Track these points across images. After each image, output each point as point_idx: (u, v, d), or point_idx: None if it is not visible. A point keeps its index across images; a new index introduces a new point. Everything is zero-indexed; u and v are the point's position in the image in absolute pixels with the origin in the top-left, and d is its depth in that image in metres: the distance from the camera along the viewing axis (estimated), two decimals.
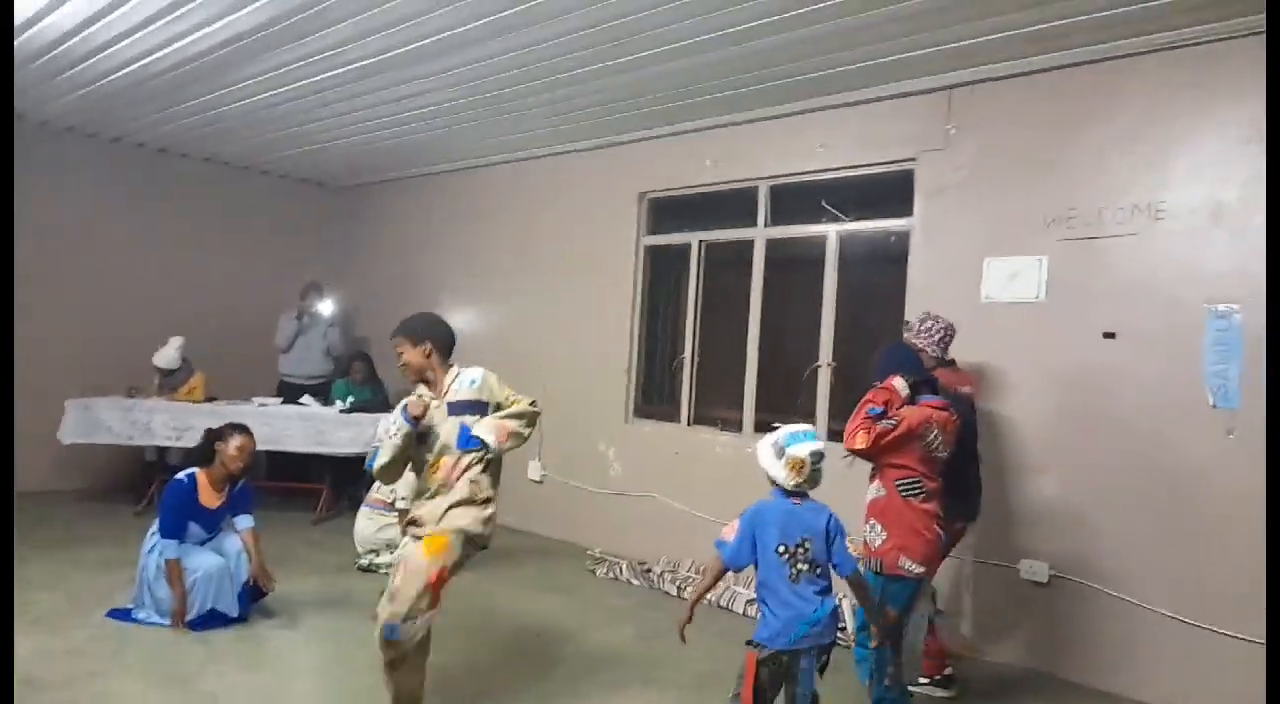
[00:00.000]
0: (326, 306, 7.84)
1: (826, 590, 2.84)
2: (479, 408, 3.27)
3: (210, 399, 7.02)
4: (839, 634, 2.91)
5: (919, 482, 3.33)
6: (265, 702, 3.56)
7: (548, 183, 7.06)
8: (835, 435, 4.71)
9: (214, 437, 4.51)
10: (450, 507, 3.18)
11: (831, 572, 2.87)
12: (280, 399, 7.29)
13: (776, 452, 2.87)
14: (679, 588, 5.39)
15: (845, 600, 4.04)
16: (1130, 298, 4.21)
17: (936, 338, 4.01)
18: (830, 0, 3.89)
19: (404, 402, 3.26)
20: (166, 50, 5.15)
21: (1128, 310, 4.21)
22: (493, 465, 3.27)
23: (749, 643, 2.83)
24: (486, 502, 3.23)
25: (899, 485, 3.33)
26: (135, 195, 7.77)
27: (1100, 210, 4.31)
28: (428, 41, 4.68)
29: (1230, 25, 3.89)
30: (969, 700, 3.90)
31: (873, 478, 3.45)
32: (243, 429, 4.56)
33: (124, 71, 5.61)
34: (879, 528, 3.34)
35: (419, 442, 3.25)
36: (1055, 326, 4.43)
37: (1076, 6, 3.82)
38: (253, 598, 4.49)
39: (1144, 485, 4.13)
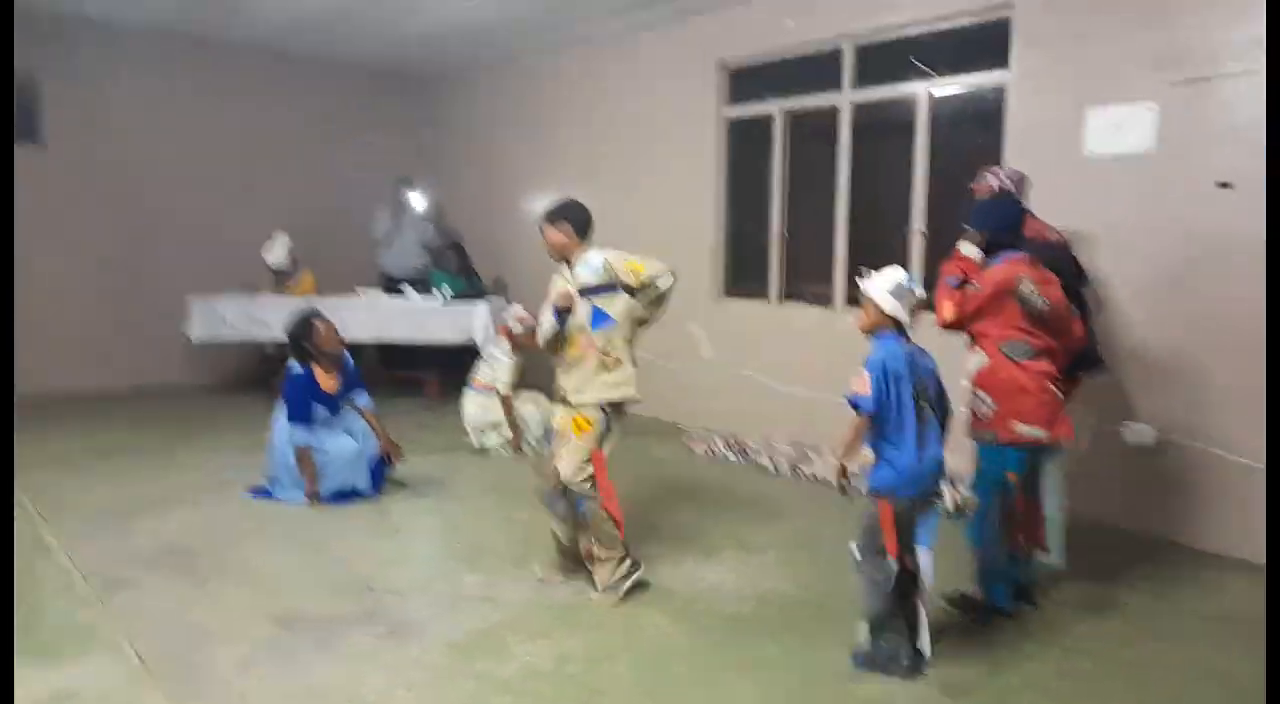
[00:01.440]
0: (419, 200, 8.01)
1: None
2: (608, 288, 3.48)
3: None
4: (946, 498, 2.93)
5: (1024, 341, 3.19)
6: (394, 562, 3.90)
7: (627, 61, 6.92)
8: (926, 305, 4.64)
9: (297, 336, 4.67)
10: (587, 377, 3.47)
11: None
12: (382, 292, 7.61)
13: (902, 292, 2.86)
14: (774, 464, 5.51)
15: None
16: (1248, 144, 3.90)
17: (1022, 188, 3.83)
18: None
19: (551, 301, 3.53)
20: None
21: (1245, 158, 3.92)
22: (619, 331, 3.50)
23: (874, 494, 2.85)
24: (617, 362, 3.49)
25: (1004, 348, 3.20)
26: (224, 96, 7.91)
27: (1217, 47, 3.98)
28: None
29: None
30: (1079, 566, 3.85)
31: (972, 347, 3.34)
32: (316, 314, 4.76)
33: None
34: (987, 398, 3.21)
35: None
36: (1164, 179, 4.18)
37: None
38: (381, 473, 4.84)
39: (1255, 343, 3.94)
